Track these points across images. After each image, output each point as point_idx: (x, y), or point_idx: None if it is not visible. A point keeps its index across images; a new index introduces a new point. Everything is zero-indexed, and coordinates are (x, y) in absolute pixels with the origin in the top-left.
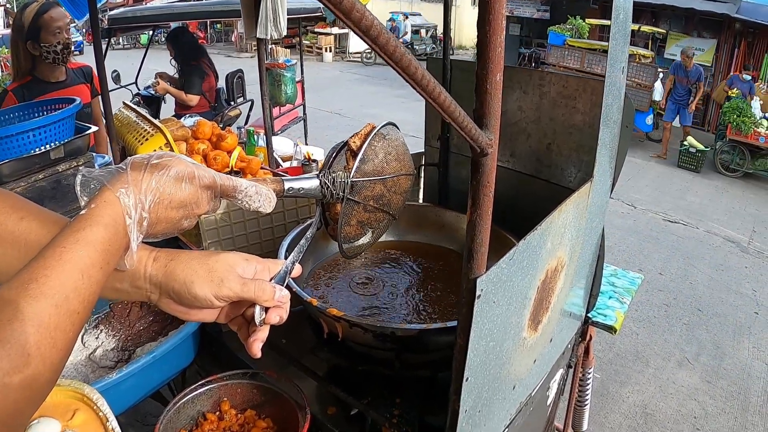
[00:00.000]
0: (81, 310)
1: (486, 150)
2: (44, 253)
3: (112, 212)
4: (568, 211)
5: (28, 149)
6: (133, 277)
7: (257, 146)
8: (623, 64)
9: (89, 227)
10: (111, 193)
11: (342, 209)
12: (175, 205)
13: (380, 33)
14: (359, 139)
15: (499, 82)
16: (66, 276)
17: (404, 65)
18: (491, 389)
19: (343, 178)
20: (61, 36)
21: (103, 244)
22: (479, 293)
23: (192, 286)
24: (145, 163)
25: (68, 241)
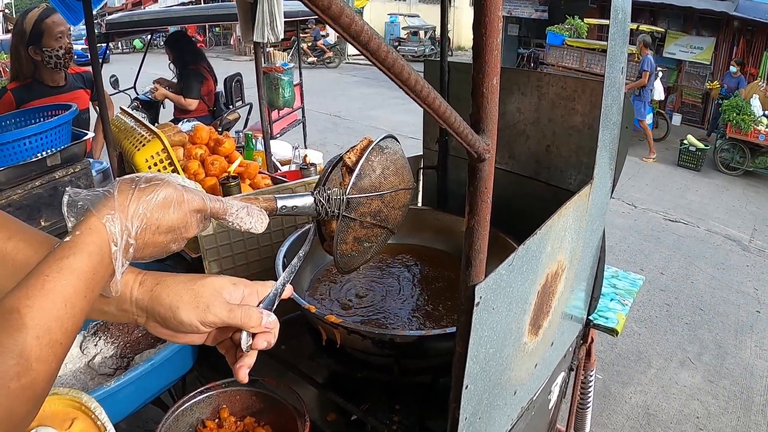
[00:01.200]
0: (63, 340)
1: (483, 155)
2: (27, 282)
3: (98, 239)
4: (568, 214)
5: (25, 156)
6: (120, 301)
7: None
8: (622, 64)
9: (73, 255)
10: (97, 220)
11: (338, 227)
12: (164, 230)
13: (371, 38)
14: (355, 154)
15: (496, 86)
16: (49, 306)
17: (397, 71)
18: (492, 395)
19: (339, 195)
20: (62, 41)
21: (87, 273)
22: (478, 300)
23: (177, 312)
24: (132, 187)
25: (51, 270)
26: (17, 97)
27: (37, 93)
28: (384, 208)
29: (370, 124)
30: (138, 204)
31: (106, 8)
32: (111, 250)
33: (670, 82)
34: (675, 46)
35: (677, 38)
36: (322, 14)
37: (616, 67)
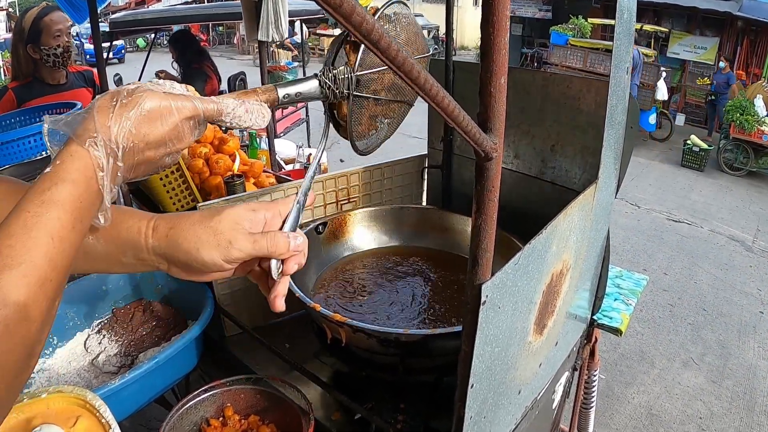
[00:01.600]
0: (54, 277)
1: (491, 154)
2: (7, 221)
3: (81, 166)
4: (573, 213)
5: (30, 154)
6: (136, 249)
7: (260, 149)
8: (628, 64)
9: (55, 186)
10: (78, 145)
11: (349, 108)
12: (153, 145)
13: (381, 36)
14: None
15: (504, 85)
16: (32, 243)
17: (407, 69)
18: (496, 395)
19: (346, 73)
20: (61, 39)
21: (74, 203)
22: (484, 299)
23: (199, 254)
24: (113, 104)
25: (33, 204)
26: (18, 96)
27: (38, 92)
28: (399, 80)
29: None
30: (121, 121)
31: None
32: (97, 176)
33: (674, 82)
34: (679, 46)
35: (681, 38)
36: (334, 12)
37: (621, 67)
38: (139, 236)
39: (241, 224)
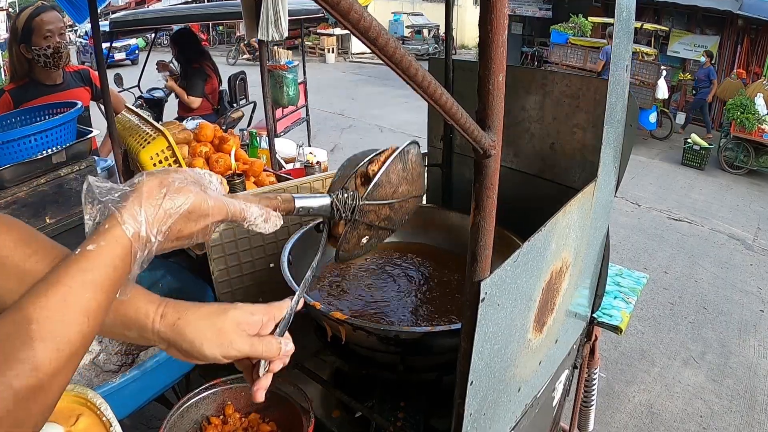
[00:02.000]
0: (81, 351)
1: (489, 151)
2: (45, 291)
3: (121, 253)
4: (572, 211)
5: (30, 154)
6: (141, 330)
7: (260, 148)
8: (627, 62)
9: (98, 269)
10: (123, 232)
11: (346, 229)
12: (183, 238)
13: (379, 34)
14: (377, 165)
15: (502, 83)
16: (70, 319)
17: (404, 66)
18: (496, 392)
19: (354, 200)
20: (51, 40)
21: (111, 287)
22: (483, 296)
23: (201, 348)
24: (162, 193)
25: (75, 282)
26: (14, 98)
27: (33, 93)
28: (392, 214)
29: (374, 123)
30: (165, 216)
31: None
32: (132, 260)
33: (674, 81)
34: (679, 44)
35: (681, 37)
36: (332, 10)
37: (620, 66)
38: (147, 320)
39: (242, 327)
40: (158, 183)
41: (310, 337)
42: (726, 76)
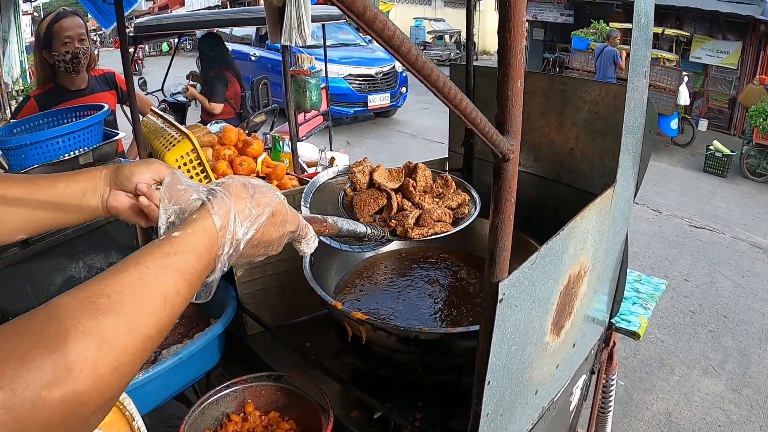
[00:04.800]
0: (155, 336)
1: (508, 155)
2: (121, 269)
3: (208, 243)
4: (591, 216)
5: (58, 155)
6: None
7: (283, 152)
8: (645, 68)
9: (182, 253)
10: (212, 223)
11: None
12: (263, 244)
13: (402, 42)
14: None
15: (520, 89)
16: (145, 298)
17: (426, 73)
18: (513, 393)
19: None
20: (70, 46)
21: (194, 275)
22: (501, 297)
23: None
24: (250, 193)
25: (155, 263)
26: (40, 104)
27: (58, 98)
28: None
29: (396, 129)
30: (254, 215)
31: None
32: (218, 253)
33: (696, 87)
34: (701, 50)
35: (703, 42)
36: (358, 19)
37: (639, 72)
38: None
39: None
40: (242, 185)
41: (329, 338)
42: (748, 82)
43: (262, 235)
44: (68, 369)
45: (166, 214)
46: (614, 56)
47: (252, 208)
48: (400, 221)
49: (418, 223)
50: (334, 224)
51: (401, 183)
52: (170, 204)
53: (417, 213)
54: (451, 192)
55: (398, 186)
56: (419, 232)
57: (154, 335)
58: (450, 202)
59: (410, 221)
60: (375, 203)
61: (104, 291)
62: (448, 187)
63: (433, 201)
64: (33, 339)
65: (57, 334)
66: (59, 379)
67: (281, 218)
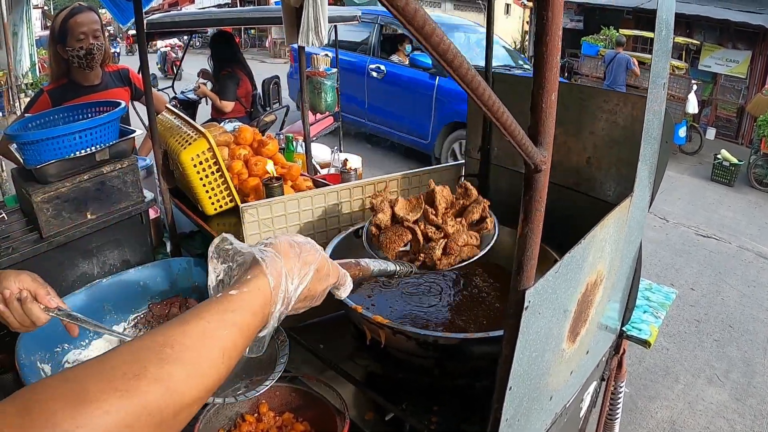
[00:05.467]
0: (212, 386)
1: (540, 166)
2: (185, 321)
3: (263, 302)
4: (609, 225)
5: (74, 150)
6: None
7: (296, 152)
8: (664, 80)
9: (239, 311)
10: (266, 282)
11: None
12: (309, 298)
13: (455, 56)
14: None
15: (554, 101)
16: (206, 351)
17: (474, 86)
18: (531, 399)
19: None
20: (85, 41)
21: (248, 329)
22: (527, 304)
23: None
24: (295, 252)
25: (214, 318)
26: (53, 99)
27: (72, 93)
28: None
29: None
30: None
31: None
32: (271, 311)
33: (705, 95)
34: (711, 58)
35: (713, 51)
36: (417, 32)
37: (658, 83)
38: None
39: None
40: (289, 244)
41: (345, 340)
42: (757, 91)
43: (309, 290)
44: (137, 414)
45: (215, 273)
46: (627, 63)
47: (300, 267)
48: (428, 254)
49: (445, 251)
50: (367, 266)
51: (422, 209)
52: (219, 263)
53: (443, 243)
54: (472, 201)
55: (420, 215)
56: (447, 261)
57: (211, 385)
58: (472, 215)
59: (438, 253)
60: (400, 240)
61: (168, 341)
62: (469, 196)
63: (455, 221)
64: (105, 383)
65: (127, 379)
66: (129, 423)
67: (325, 272)
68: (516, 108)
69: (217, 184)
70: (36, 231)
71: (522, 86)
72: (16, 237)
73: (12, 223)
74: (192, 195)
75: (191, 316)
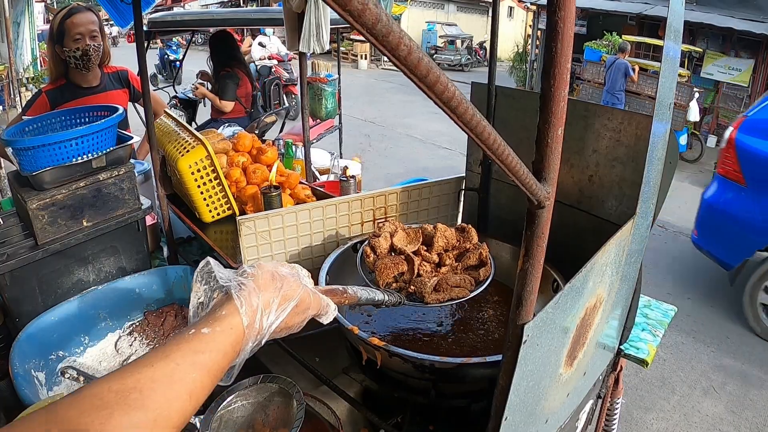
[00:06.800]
0: (180, 425)
1: (543, 203)
2: (153, 363)
3: (234, 341)
4: (611, 250)
5: (71, 157)
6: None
7: (295, 158)
8: (671, 101)
9: (209, 352)
10: (239, 321)
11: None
12: (285, 329)
13: (460, 103)
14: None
15: (560, 136)
16: (173, 395)
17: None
18: (526, 424)
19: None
20: (81, 42)
21: (217, 370)
22: (525, 338)
23: None
24: (278, 286)
25: (185, 361)
26: (51, 100)
27: (70, 95)
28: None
29: (405, 132)
30: (279, 311)
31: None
32: (242, 348)
33: (707, 103)
34: (713, 66)
35: (716, 59)
36: (419, 81)
37: (665, 104)
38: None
39: None
40: (271, 276)
41: (339, 353)
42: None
43: (286, 323)
44: None
45: (197, 296)
46: (626, 69)
47: (279, 303)
48: (418, 288)
49: (436, 289)
50: (354, 294)
51: (420, 242)
52: (202, 285)
53: (435, 280)
54: (472, 244)
55: (417, 247)
56: (436, 297)
57: (178, 425)
58: (469, 260)
59: (428, 289)
60: (395, 268)
61: (136, 386)
62: (468, 237)
63: (452, 261)
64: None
65: (92, 427)
66: None
67: (305, 306)
68: (518, 123)
69: (215, 192)
70: (32, 237)
71: (526, 101)
72: (12, 243)
73: (8, 228)
74: (189, 202)
75: (160, 357)
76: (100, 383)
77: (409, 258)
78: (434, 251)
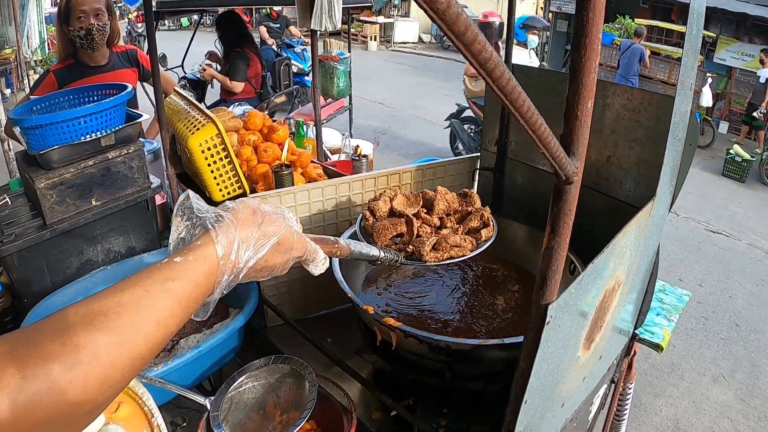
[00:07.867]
0: (146, 355)
1: (571, 178)
2: (122, 289)
3: (208, 270)
4: (631, 231)
5: (79, 135)
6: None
7: (306, 138)
8: (692, 81)
9: (180, 280)
10: (214, 252)
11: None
12: (266, 269)
13: (496, 66)
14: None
15: (590, 109)
16: (140, 321)
17: (514, 98)
18: (544, 408)
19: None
20: (85, 21)
21: (190, 301)
22: (549, 319)
23: None
24: (258, 222)
25: (154, 288)
26: (59, 79)
27: (78, 74)
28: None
29: (415, 114)
30: (258, 245)
31: None
32: (217, 280)
33: (719, 89)
34: (726, 52)
35: (729, 44)
36: (456, 40)
37: (686, 84)
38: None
39: None
40: (252, 211)
41: (351, 334)
42: None
43: (266, 261)
44: (59, 379)
45: (177, 231)
46: (641, 54)
47: (258, 237)
48: (416, 247)
49: (434, 248)
50: (347, 247)
51: (420, 206)
52: (183, 221)
53: (434, 240)
54: (474, 208)
55: (417, 210)
56: (435, 255)
57: (145, 353)
58: (471, 223)
59: (427, 248)
60: (394, 228)
61: (102, 309)
62: (471, 202)
63: (454, 224)
64: (33, 349)
65: (53, 346)
66: (50, 387)
67: (287, 246)
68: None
69: (225, 170)
70: (40, 217)
71: (544, 81)
72: (20, 223)
73: (16, 208)
74: (200, 181)
75: (131, 283)
76: (68, 307)
77: (408, 220)
78: (435, 214)
